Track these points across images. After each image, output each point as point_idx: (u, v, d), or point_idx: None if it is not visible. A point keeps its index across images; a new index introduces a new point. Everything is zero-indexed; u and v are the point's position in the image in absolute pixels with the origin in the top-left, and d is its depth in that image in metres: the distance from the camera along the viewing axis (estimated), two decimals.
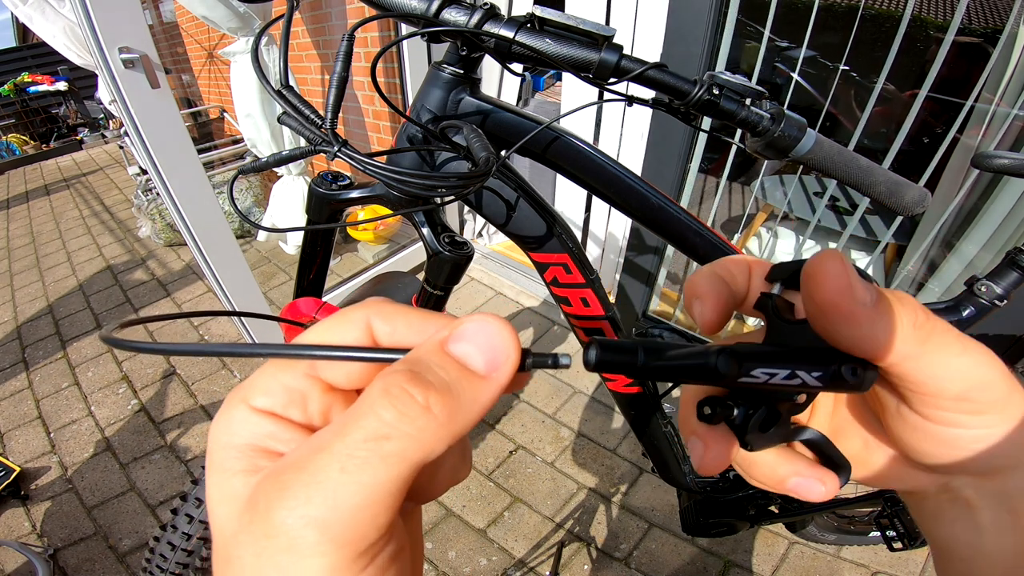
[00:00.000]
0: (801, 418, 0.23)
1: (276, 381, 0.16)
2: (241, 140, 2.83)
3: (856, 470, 0.21)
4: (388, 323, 0.17)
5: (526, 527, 1.37)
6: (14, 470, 1.52)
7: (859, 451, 0.21)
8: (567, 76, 1.69)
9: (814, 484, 0.19)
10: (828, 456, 0.21)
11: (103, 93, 3.11)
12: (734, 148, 1.45)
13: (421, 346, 0.15)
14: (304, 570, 0.12)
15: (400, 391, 0.13)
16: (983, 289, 0.67)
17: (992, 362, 0.17)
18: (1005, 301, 0.66)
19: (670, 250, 1.67)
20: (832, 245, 1.67)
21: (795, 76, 1.28)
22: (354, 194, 0.60)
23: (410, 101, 0.84)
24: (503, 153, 0.49)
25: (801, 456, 0.21)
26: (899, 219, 1.42)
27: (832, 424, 0.23)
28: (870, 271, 1.58)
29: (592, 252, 2.05)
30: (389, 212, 0.54)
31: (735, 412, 0.18)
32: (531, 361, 0.16)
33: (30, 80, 5.02)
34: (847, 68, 1.24)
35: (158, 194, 1.91)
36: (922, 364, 0.16)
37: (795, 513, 0.90)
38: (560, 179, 1.93)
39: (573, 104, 1.65)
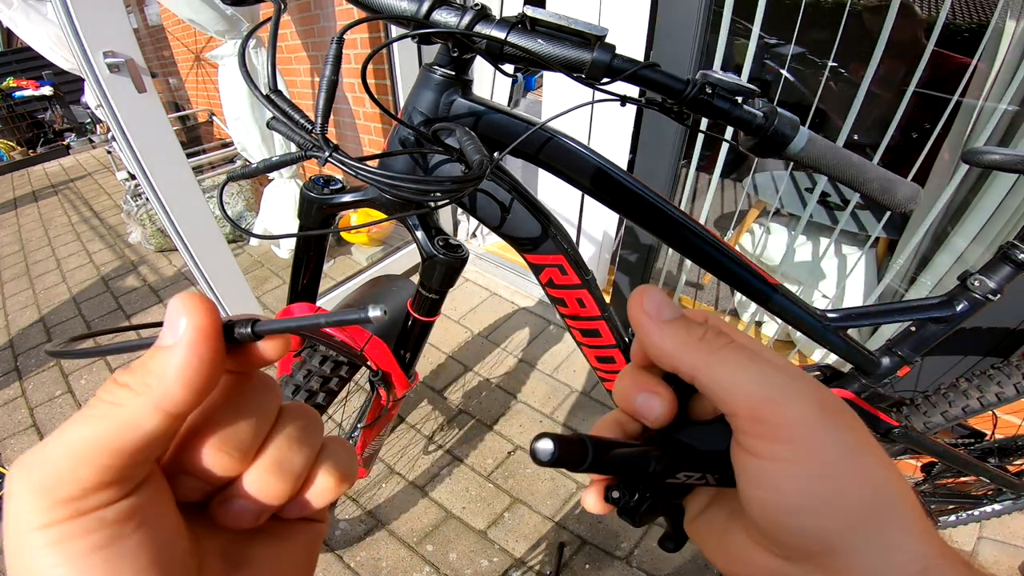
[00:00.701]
0: None
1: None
2: (230, 144, 2.81)
3: (715, 554, 0.22)
4: None
5: (526, 527, 1.37)
6: None
7: (719, 528, 0.22)
8: (548, 76, 1.69)
9: (653, 400, 0.22)
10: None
11: (89, 98, 3.08)
12: (725, 146, 1.46)
13: None
14: (10, 512, 0.14)
15: (109, 381, 0.16)
16: (976, 283, 0.67)
17: (788, 385, 0.18)
18: (998, 295, 0.66)
19: (664, 248, 1.67)
20: (824, 240, 1.68)
21: (784, 72, 1.28)
22: (347, 198, 0.60)
23: (401, 103, 0.84)
24: (496, 155, 0.48)
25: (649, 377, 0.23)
26: (889, 214, 1.43)
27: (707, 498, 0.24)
28: (862, 265, 1.59)
29: (586, 252, 2.05)
30: (383, 216, 0.54)
31: (638, 501, 0.21)
32: (247, 331, 0.17)
33: (15, 85, 4.95)
34: (835, 64, 1.24)
35: (147, 199, 1.89)
36: (711, 374, 0.19)
37: None
38: (543, 179, 1.93)
39: (555, 103, 1.65)
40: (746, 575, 0.20)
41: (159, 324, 0.17)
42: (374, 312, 0.16)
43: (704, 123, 1.32)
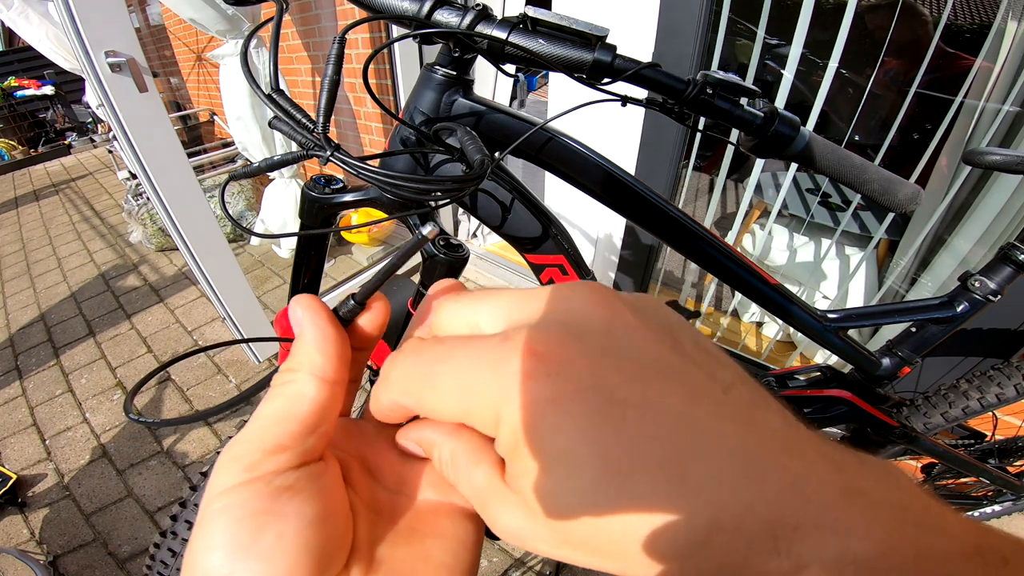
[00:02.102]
0: None
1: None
2: (232, 143, 2.81)
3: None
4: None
5: None
6: (11, 477, 1.50)
7: None
8: (554, 76, 1.69)
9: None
10: None
11: (90, 97, 3.08)
12: (730, 147, 1.46)
13: None
14: (209, 484, 0.17)
15: (280, 370, 0.20)
16: (977, 284, 0.67)
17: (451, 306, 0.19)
18: (999, 296, 0.66)
19: (665, 248, 1.67)
20: (826, 241, 1.68)
21: (788, 75, 1.28)
22: (348, 197, 0.60)
23: (402, 103, 0.84)
24: (497, 155, 0.48)
25: None
26: (891, 215, 1.43)
27: None
28: (863, 267, 1.59)
29: (587, 252, 2.05)
30: (383, 216, 0.54)
31: None
32: (349, 307, 0.21)
33: (16, 84, 4.96)
34: (837, 65, 1.24)
35: (148, 199, 1.90)
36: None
37: None
38: (550, 180, 1.93)
39: (561, 104, 1.64)
40: None
41: (228, 343, 0.23)
42: (427, 229, 0.20)
43: (702, 122, 1.32)
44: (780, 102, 1.28)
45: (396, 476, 0.21)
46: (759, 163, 1.55)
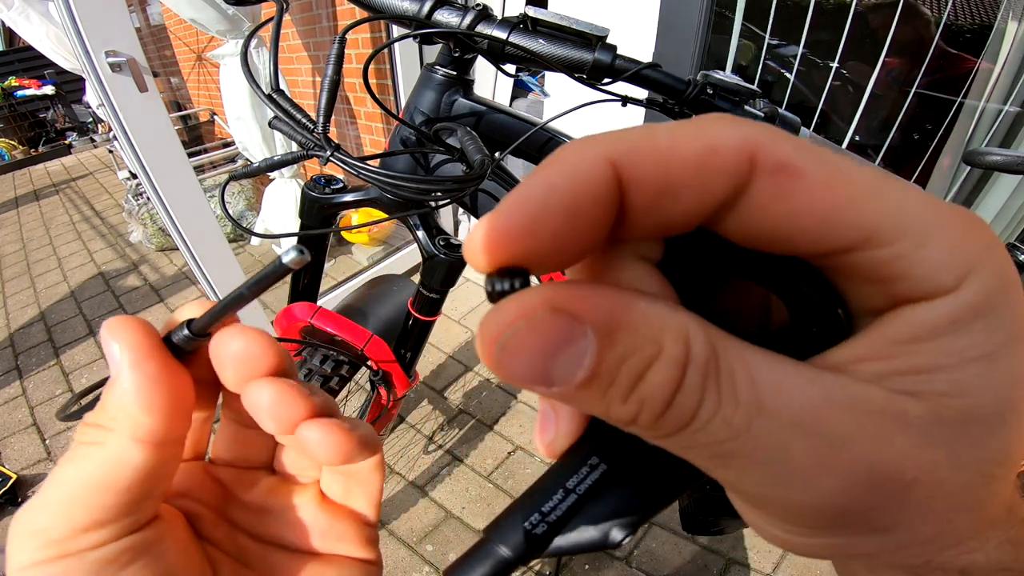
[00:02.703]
0: None
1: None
2: (232, 143, 2.81)
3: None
4: None
5: None
6: (11, 477, 1.50)
7: None
8: (549, 76, 1.69)
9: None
10: None
11: (91, 97, 3.09)
12: None
13: None
14: (9, 555, 0.14)
15: (81, 423, 0.16)
16: None
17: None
18: None
19: None
20: None
21: (790, 77, 1.28)
22: (348, 198, 0.60)
23: (403, 103, 0.84)
24: (497, 155, 0.48)
25: None
26: None
27: None
28: None
29: None
30: (384, 216, 0.54)
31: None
32: (183, 337, 0.16)
33: (17, 84, 4.96)
34: (837, 65, 1.24)
35: (148, 199, 1.90)
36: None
37: None
38: None
39: (555, 104, 1.64)
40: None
41: None
42: (288, 257, 0.14)
43: None
44: (781, 103, 1.28)
45: (266, 524, 0.19)
46: None
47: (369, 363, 0.74)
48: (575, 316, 0.10)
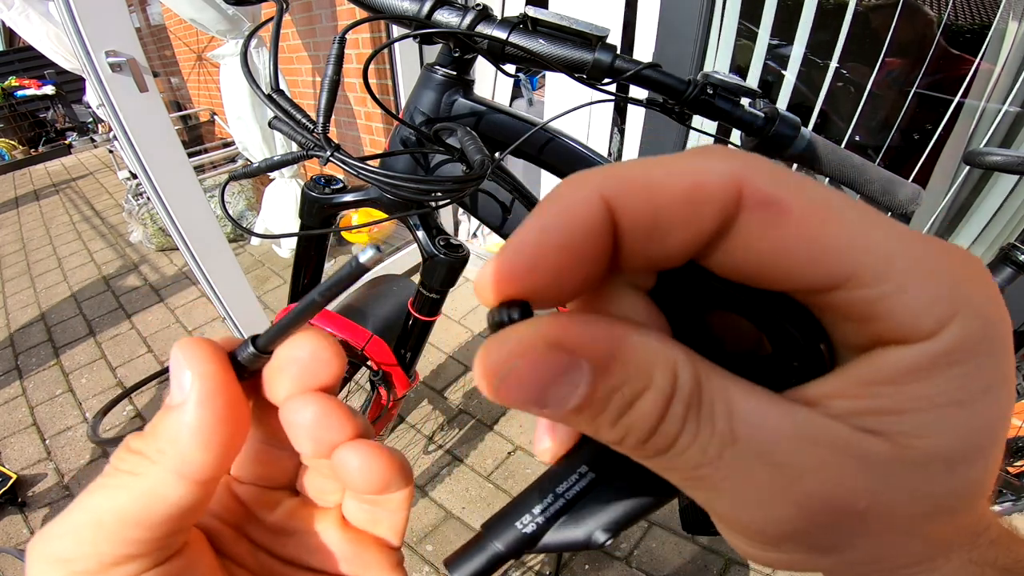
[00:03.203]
0: None
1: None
2: (232, 143, 2.81)
3: None
4: None
5: None
6: (11, 477, 1.50)
7: None
8: (551, 75, 1.69)
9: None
10: None
11: (91, 97, 3.09)
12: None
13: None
14: None
15: (122, 447, 0.14)
16: None
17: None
18: None
19: None
20: None
21: (789, 76, 1.28)
22: (348, 198, 0.60)
23: (403, 103, 0.84)
24: (497, 155, 0.48)
25: None
26: (891, 215, 1.43)
27: None
28: None
29: None
30: (384, 216, 0.54)
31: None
32: (248, 354, 0.15)
33: (17, 84, 4.96)
34: (838, 65, 1.24)
35: (149, 198, 1.90)
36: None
37: None
38: (547, 180, 1.93)
39: (557, 104, 1.65)
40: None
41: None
42: (365, 255, 0.13)
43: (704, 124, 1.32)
44: (783, 103, 1.28)
45: (287, 546, 0.18)
46: None
47: (369, 363, 0.74)
48: (571, 351, 0.11)
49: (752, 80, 1.30)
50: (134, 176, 2.69)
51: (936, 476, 0.11)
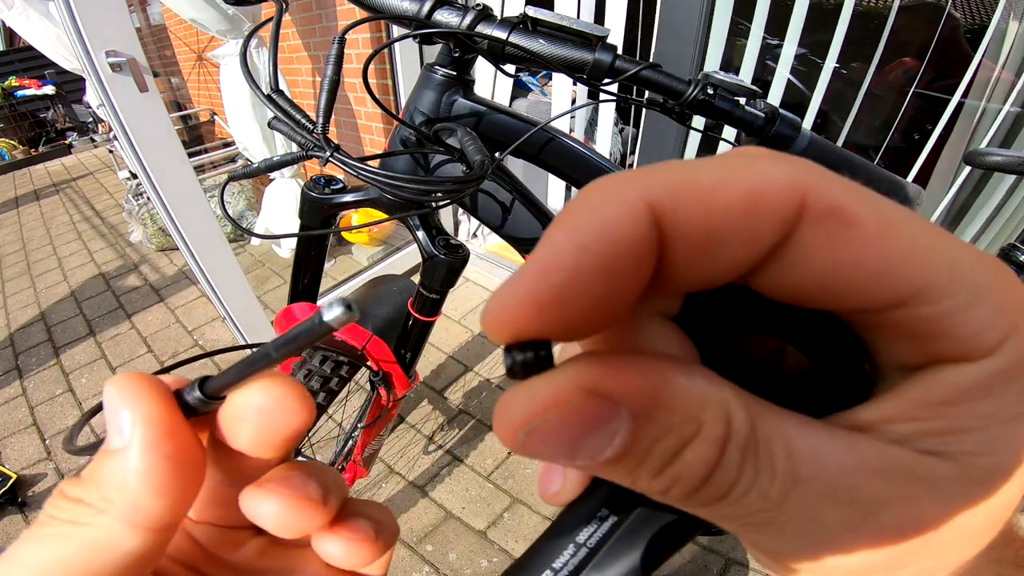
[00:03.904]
0: None
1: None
2: (232, 143, 2.82)
3: None
4: None
5: (526, 528, 1.37)
6: (11, 477, 1.50)
7: None
8: (557, 76, 1.70)
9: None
10: None
11: (91, 97, 3.09)
12: (728, 147, 1.45)
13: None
14: None
15: (56, 493, 0.13)
16: None
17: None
18: None
19: None
20: None
21: (787, 74, 1.28)
22: (348, 198, 0.60)
23: (403, 104, 0.84)
24: (497, 155, 0.48)
25: None
26: None
27: None
28: None
29: None
30: (384, 216, 0.54)
31: None
32: (196, 397, 0.13)
33: (17, 84, 4.96)
34: (837, 65, 1.24)
35: (149, 198, 1.90)
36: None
37: None
38: (552, 181, 1.93)
39: (563, 104, 1.65)
40: None
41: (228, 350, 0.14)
42: (331, 314, 0.11)
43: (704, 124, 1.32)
44: (810, 116, 1.28)
45: None
46: None
47: (369, 363, 0.74)
48: (611, 398, 0.10)
49: (779, 85, 1.29)
50: (134, 176, 2.69)
51: (996, 491, 0.10)
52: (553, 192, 2.03)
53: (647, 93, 0.47)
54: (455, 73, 0.50)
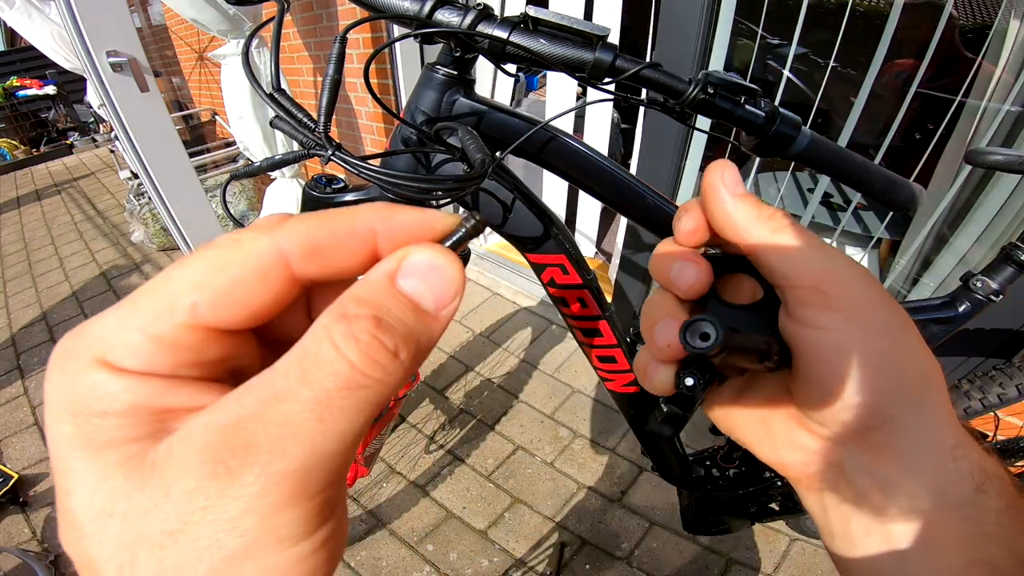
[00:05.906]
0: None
1: (141, 335, 0.13)
2: (233, 143, 2.82)
3: (755, 442, 0.23)
4: (310, 243, 0.15)
5: (527, 527, 1.37)
6: (12, 476, 1.50)
7: (759, 416, 0.23)
8: (552, 75, 1.69)
9: (689, 268, 0.21)
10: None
11: (92, 97, 3.09)
12: (729, 147, 1.45)
13: (369, 281, 0.14)
14: (277, 526, 0.12)
15: (370, 339, 0.13)
16: (978, 284, 0.67)
17: (851, 267, 0.19)
18: (1001, 296, 0.66)
19: None
20: (827, 241, 1.67)
21: (786, 73, 1.28)
22: (349, 197, 0.60)
23: (403, 103, 0.84)
24: (498, 154, 0.48)
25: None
26: (892, 215, 1.43)
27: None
28: (864, 266, 1.58)
29: (587, 252, 2.05)
30: None
31: (703, 387, 0.20)
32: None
33: (19, 84, 4.97)
34: (836, 64, 1.24)
35: (150, 198, 1.91)
36: (775, 248, 0.20)
37: (796, 511, 0.90)
38: (548, 180, 1.93)
39: (558, 103, 1.65)
40: (790, 461, 0.22)
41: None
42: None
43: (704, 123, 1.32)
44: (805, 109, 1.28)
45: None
46: (757, 162, 1.55)
47: None
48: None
49: (780, 85, 1.29)
50: (136, 176, 2.69)
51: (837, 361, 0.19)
52: (549, 191, 2.03)
53: (647, 92, 0.47)
54: (456, 73, 0.50)
